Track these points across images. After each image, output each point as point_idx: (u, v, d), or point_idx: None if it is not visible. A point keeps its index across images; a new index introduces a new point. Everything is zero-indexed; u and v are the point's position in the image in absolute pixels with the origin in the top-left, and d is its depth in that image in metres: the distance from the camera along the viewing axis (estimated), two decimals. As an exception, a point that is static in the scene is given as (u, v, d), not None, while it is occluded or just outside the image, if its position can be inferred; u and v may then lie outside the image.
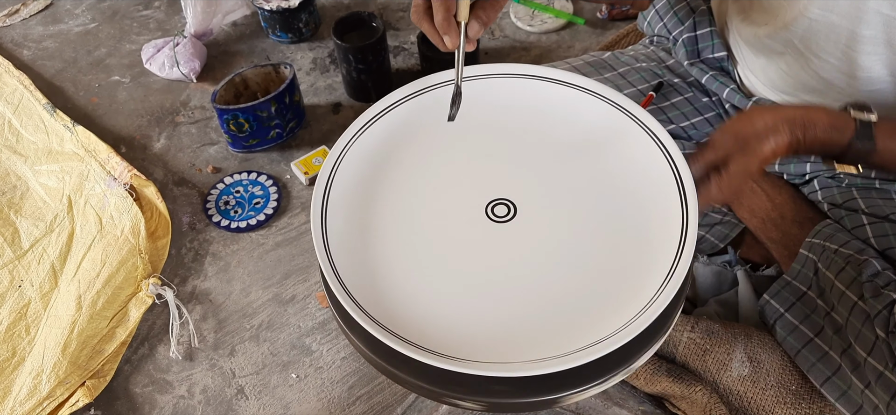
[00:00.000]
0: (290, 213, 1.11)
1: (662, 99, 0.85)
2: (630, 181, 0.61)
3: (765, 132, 0.58)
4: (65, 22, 1.54)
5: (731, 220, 0.84)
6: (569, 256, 0.56)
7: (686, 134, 0.85)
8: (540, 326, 0.53)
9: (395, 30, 1.44)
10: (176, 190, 1.15)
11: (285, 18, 1.37)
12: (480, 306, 0.54)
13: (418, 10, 0.59)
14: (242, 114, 1.11)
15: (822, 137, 0.58)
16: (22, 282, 1.03)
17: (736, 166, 0.57)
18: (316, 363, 0.92)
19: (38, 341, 0.95)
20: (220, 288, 1.01)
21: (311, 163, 1.15)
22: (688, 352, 0.73)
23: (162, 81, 1.36)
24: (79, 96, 1.35)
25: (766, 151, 0.57)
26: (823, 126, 0.58)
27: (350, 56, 1.20)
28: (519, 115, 0.66)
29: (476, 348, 0.50)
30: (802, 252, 0.73)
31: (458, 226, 0.58)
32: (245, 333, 0.96)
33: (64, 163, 1.17)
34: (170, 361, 0.94)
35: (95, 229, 1.06)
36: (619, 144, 0.63)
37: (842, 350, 0.67)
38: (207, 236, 1.08)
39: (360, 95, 1.27)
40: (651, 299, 0.52)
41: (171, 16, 1.53)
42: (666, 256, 0.54)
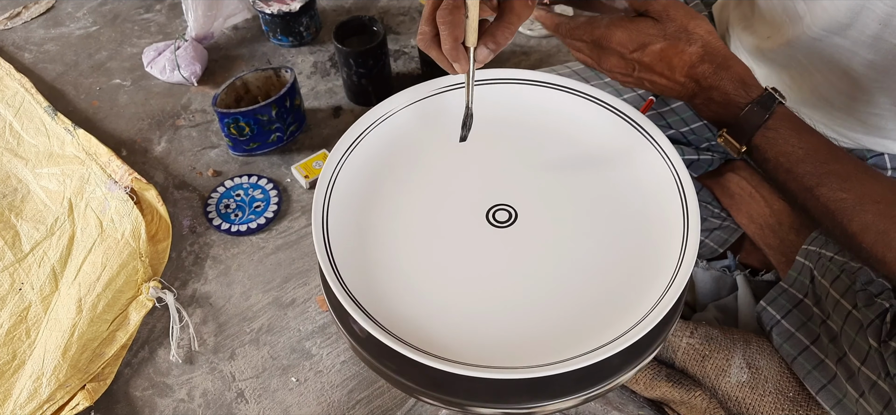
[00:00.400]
0: (291, 216, 1.11)
1: (662, 104, 0.85)
2: (630, 187, 0.61)
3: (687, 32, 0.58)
4: (66, 25, 1.54)
5: (730, 225, 0.84)
6: (569, 261, 0.56)
7: (686, 139, 0.86)
8: (540, 330, 0.53)
9: (395, 34, 1.44)
10: (176, 193, 1.15)
11: (286, 22, 1.37)
12: (480, 311, 0.54)
13: (425, 38, 0.57)
14: (243, 118, 1.11)
15: (728, 87, 0.58)
16: (22, 285, 1.03)
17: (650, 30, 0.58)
18: (316, 367, 0.92)
19: (38, 345, 0.95)
20: (221, 292, 1.02)
21: (311, 166, 1.15)
22: (687, 357, 0.73)
23: (163, 85, 1.36)
24: (80, 100, 1.35)
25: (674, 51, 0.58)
26: (733, 76, 0.58)
27: (351, 60, 1.20)
28: (519, 120, 0.67)
29: (475, 352, 0.51)
30: (799, 259, 0.74)
31: (458, 231, 0.59)
32: (245, 336, 0.96)
33: (65, 166, 1.17)
34: (170, 364, 0.94)
35: (96, 233, 1.06)
36: (619, 150, 0.63)
37: (837, 358, 0.67)
38: (208, 240, 1.08)
39: (361, 99, 1.28)
40: (652, 306, 0.52)
41: (173, 19, 1.53)
42: (667, 263, 0.55)
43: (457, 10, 0.54)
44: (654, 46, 0.59)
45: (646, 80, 0.62)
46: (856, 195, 0.56)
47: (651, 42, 0.59)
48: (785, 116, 0.58)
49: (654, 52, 0.59)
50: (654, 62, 0.60)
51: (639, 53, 0.59)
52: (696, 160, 0.85)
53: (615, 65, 0.62)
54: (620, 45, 0.60)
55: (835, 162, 0.57)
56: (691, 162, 0.85)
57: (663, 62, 0.59)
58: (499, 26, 0.57)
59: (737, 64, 0.59)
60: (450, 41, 0.55)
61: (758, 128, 0.58)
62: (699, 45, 0.58)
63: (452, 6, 0.54)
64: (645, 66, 0.60)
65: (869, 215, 0.55)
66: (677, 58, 0.59)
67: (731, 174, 0.86)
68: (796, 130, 0.58)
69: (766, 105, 0.58)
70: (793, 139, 0.58)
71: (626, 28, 0.59)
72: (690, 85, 0.60)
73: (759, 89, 0.59)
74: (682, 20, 0.59)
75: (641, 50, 0.59)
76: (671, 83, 0.61)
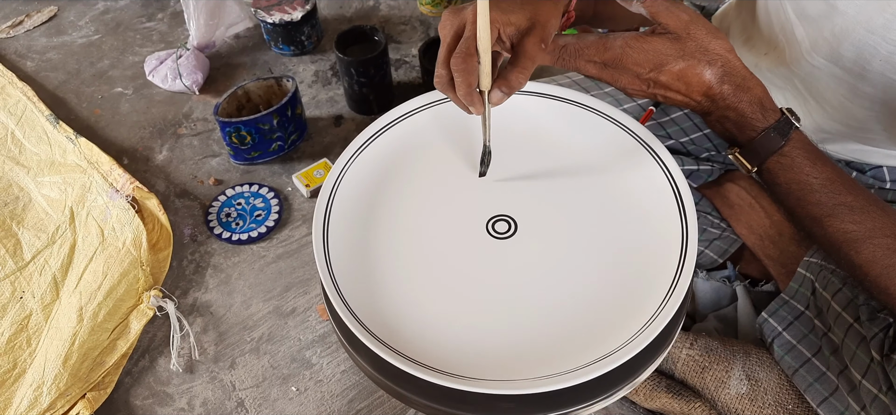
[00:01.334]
0: (292, 225, 1.11)
1: (662, 114, 0.85)
2: (629, 198, 0.61)
3: (706, 53, 0.56)
4: (68, 34, 1.55)
5: (730, 235, 0.84)
6: (569, 273, 0.56)
7: (685, 149, 0.86)
8: (540, 342, 0.53)
9: (396, 43, 1.45)
10: (178, 202, 1.16)
11: (288, 31, 1.37)
12: (480, 323, 0.54)
13: (441, 81, 0.57)
14: (245, 126, 1.11)
15: (746, 109, 0.57)
16: (23, 293, 1.03)
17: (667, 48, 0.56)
18: (316, 376, 0.92)
19: (39, 353, 0.95)
20: (221, 300, 1.02)
21: (312, 175, 1.15)
22: (686, 369, 0.73)
23: (164, 93, 1.37)
24: (82, 108, 1.35)
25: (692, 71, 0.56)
26: (752, 99, 0.57)
27: (352, 69, 1.21)
28: (519, 131, 0.67)
29: (476, 365, 0.51)
30: (800, 271, 0.73)
31: (459, 242, 0.59)
32: (245, 345, 0.96)
33: (66, 174, 1.17)
34: (170, 373, 0.94)
35: (97, 241, 1.06)
36: (618, 161, 0.64)
37: (839, 371, 0.67)
38: (209, 249, 1.08)
39: (362, 108, 1.28)
40: (651, 317, 0.52)
41: (175, 28, 1.54)
42: (666, 274, 0.55)
43: (470, 57, 0.54)
44: (673, 67, 0.57)
45: (660, 95, 0.61)
46: (865, 228, 0.56)
47: (669, 62, 0.57)
48: (800, 142, 0.57)
49: (673, 72, 0.57)
50: (671, 81, 0.58)
51: (655, 73, 0.58)
52: (696, 170, 0.85)
53: (629, 83, 0.59)
54: (636, 65, 0.58)
55: (847, 194, 0.57)
56: (691, 172, 0.85)
57: (681, 81, 0.58)
58: (512, 70, 0.56)
59: (756, 85, 0.58)
60: (464, 87, 0.55)
61: (772, 153, 0.57)
62: (719, 66, 0.57)
63: (466, 53, 0.54)
64: (661, 84, 0.58)
65: (877, 249, 0.55)
66: (696, 78, 0.57)
67: (731, 185, 0.86)
68: (811, 158, 0.57)
69: (783, 131, 0.57)
70: (807, 167, 0.57)
71: (643, 49, 0.57)
72: (707, 103, 0.59)
73: (777, 113, 0.57)
74: (702, 39, 0.57)
75: (658, 70, 0.57)
76: (687, 100, 0.59)
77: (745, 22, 0.82)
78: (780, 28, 0.71)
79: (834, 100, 0.68)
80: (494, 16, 0.57)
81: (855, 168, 0.75)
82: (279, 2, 1.38)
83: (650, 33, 0.57)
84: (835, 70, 0.66)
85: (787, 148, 0.57)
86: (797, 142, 0.57)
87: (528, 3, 0.59)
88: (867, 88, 0.64)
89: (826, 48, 0.65)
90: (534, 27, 0.58)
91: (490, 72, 0.55)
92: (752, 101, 0.57)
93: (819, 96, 0.70)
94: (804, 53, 0.68)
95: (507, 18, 0.58)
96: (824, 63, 0.66)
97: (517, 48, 0.57)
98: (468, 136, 0.67)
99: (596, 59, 0.58)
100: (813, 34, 0.67)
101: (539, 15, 0.59)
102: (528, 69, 0.57)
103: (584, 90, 0.88)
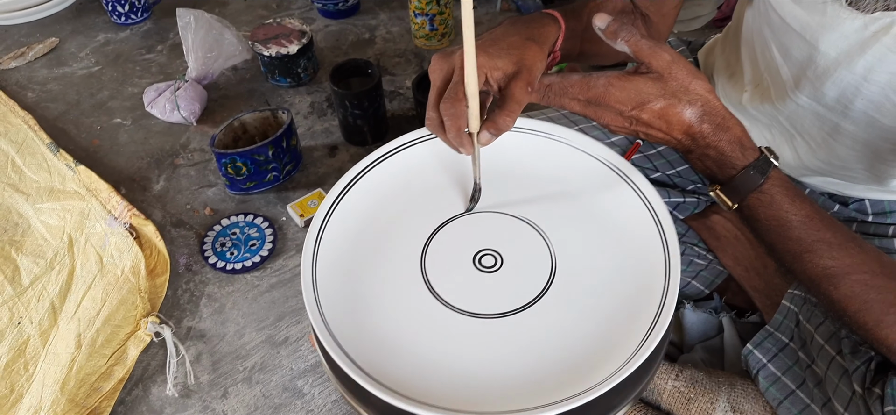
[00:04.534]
0: (286, 255, 1.12)
1: (649, 147, 0.87)
2: (613, 232, 0.62)
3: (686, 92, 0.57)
4: (69, 65, 1.57)
5: (716, 266, 0.86)
6: (554, 306, 0.57)
7: (672, 182, 0.87)
8: (526, 375, 0.54)
9: (391, 75, 1.47)
10: (173, 231, 1.17)
11: (284, 64, 1.40)
12: (465, 356, 0.55)
13: (433, 123, 0.59)
14: (240, 158, 1.13)
15: (725, 148, 0.58)
16: (21, 319, 1.04)
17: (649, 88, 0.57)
18: (307, 406, 0.92)
19: (36, 378, 0.95)
20: (215, 330, 1.03)
21: (306, 205, 1.16)
22: (672, 400, 0.73)
23: (162, 124, 1.39)
24: (81, 138, 1.37)
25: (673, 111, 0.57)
26: (732, 138, 0.58)
27: (346, 102, 1.23)
28: (506, 166, 0.68)
29: (460, 398, 0.51)
30: (784, 303, 0.75)
31: (446, 275, 0.60)
32: (238, 375, 0.97)
33: (65, 201, 1.18)
34: (163, 402, 0.94)
35: (96, 268, 1.07)
36: (601, 196, 0.65)
37: (822, 403, 0.67)
38: (203, 278, 1.09)
39: (356, 139, 1.30)
40: (634, 351, 0.53)
41: (173, 60, 1.56)
42: (649, 309, 0.56)
43: (458, 102, 0.56)
44: (654, 105, 0.58)
45: (642, 132, 0.62)
46: (843, 264, 0.57)
47: (650, 100, 0.58)
48: (779, 180, 0.58)
49: (654, 111, 0.58)
50: (652, 119, 0.59)
51: (637, 111, 0.59)
52: (682, 202, 0.86)
53: (612, 120, 0.60)
54: (619, 103, 0.59)
55: (826, 230, 0.58)
56: (677, 204, 0.86)
57: (662, 119, 0.59)
58: (500, 113, 0.58)
59: (735, 125, 0.59)
60: (453, 130, 0.58)
61: (752, 190, 0.58)
62: (699, 106, 0.58)
63: (454, 98, 0.56)
64: (643, 122, 0.59)
65: (855, 285, 0.56)
66: (676, 117, 0.58)
67: (717, 216, 0.88)
68: (790, 195, 0.58)
69: (762, 170, 0.58)
70: (786, 204, 0.58)
71: (625, 87, 0.58)
72: (687, 142, 0.60)
73: (756, 152, 0.59)
74: (683, 79, 0.58)
75: (640, 108, 0.58)
76: (668, 138, 0.61)
77: (730, 59, 0.84)
78: (766, 67, 0.73)
79: (818, 137, 0.70)
80: (481, 61, 0.58)
81: (837, 201, 0.76)
82: (276, 36, 1.40)
83: (633, 72, 0.59)
84: (818, 108, 0.67)
85: (766, 185, 0.58)
86: (776, 180, 0.58)
87: (515, 47, 0.61)
88: (850, 127, 0.66)
89: (809, 88, 0.67)
90: (520, 71, 0.59)
91: (478, 115, 0.57)
92: (731, 140, 0.58)
93: (804, 133, 0.72)
94: (788, 91, 0.69)
95: (493, 63, 0.59)
96: (808, 101, 0.68)
97: (504, 92, 0.59)
98: (457, 170, 0.68)
99: (580, 96, 0.60)
100: (796, 73, 0.68)
101: (525, 59, 0.60)
102: (516, 112, 0.58)
103: (572, 123, 0.90)
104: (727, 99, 0.82)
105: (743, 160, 0.58)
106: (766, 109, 0.74)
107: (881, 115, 0.62)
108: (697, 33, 1.51)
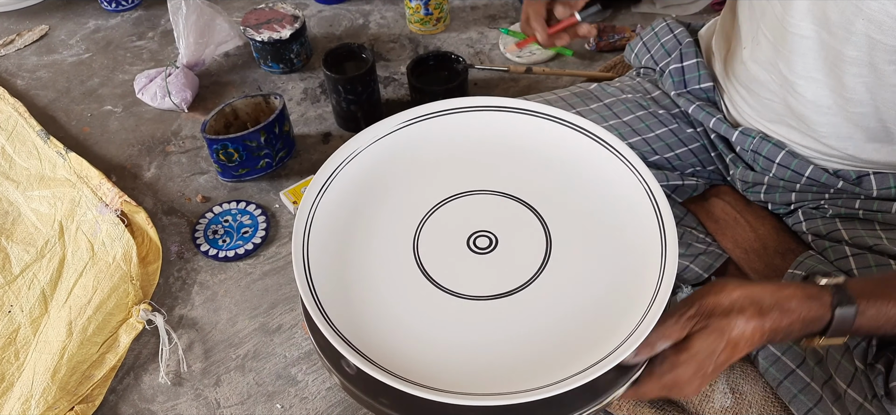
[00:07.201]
0: (279, 242, 1.11)
1: (647, 130, 0.86)
2: (610, 215, 0.61)
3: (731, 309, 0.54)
4: (59, 52, 1.55)
5: (715, 250, 0.85)
6: (550, 287, 0.57)
7: (671, 165, 0.86)
8: (520, 356, 0.53)
9: (385, 60, 1.46)
10: (165, 219, 1.15)
11: (277, 49, 1.38)
12: (461, 337, 0.54)
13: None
14: (232, 144, 1.11)
15: (802, 313, 0.55)
16: (12, 307, 1.02)
17: (699, 343, 0.54)
18: (301, 394, 0.91)
19: (27, 367, 0.94)
20: (207, 317, 1.01)
21: (299, 192, 1.15)
22: (670, 383, 0.73)
23: (153, 111, 1.37)
24: (71, 126, 1.35)
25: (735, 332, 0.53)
26: (798, 301, 0.55)
27: (339, 87, 1.21)
28: (501, 147, 0.67)
29: (456, 379, 0.51)
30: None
31: (440, 256, 0.59)
32: (231, 363, 0.96)
33: (56, 189, 1.17)
34: (155, 390, 0.93)
35: (87, 256, 1.06)
36: (598, 177, 0.64)
37: (823, 382, 0.67)
38: (195, 266, 1.08)
39: (350, 126, 1.28)
40: (631, 331, 0.52)
41: (164, 46, 1.55)
42: (646, 289, 0.55)
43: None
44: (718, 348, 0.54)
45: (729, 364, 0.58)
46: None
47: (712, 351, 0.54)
48: (864, 291, 0.56)
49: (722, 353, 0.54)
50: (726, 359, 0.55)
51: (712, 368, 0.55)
52: (681, 185, 0.85)
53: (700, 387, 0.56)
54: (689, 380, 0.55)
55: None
56: (676, 187, 0.85)
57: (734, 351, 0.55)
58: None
59: (786, 287, 0.56)
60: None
61: (852, 323, 0.56)
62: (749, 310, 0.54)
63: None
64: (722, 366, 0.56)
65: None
66: (741, 338, 0.54)
67: (716, 199, 0.87)
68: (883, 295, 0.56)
69: (847, 299, 0.56)
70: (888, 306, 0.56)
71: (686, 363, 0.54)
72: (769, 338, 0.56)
73: (827, 292, 0.56)
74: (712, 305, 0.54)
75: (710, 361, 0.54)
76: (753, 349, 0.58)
77: (728, 31, 0.83)
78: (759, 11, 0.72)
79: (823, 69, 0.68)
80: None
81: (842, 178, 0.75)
82: (268, 20, 1.38)
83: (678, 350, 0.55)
84: (822, 35, 0.65)
85: (861, 307, 0.56)
86: (861, 293, 0.56)
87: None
88: (852, 52, 0.64)
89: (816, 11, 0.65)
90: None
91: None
92: (800, 303, 0.55)
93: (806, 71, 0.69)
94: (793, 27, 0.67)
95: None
96: (814, 30, 0.66)
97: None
98: (451, 152, 0.67)
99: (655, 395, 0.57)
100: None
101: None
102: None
103: (569, 106, 0.88)
104: (728, 71, 0.81)
105: (824, 310, 0.56)
106: (767, 57, 0.73)
107: (883, 34, 0.61)
108: (696, 16, 1.49)
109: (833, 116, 0.71)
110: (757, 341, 0.55)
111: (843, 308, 0.55)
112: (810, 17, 0.65)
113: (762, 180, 0.79)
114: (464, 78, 1.23)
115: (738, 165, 0.82)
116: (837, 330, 0.56)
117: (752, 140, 0.78)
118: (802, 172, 0.75)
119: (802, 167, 0.75)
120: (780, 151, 0.76)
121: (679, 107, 0.87)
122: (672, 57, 0.88)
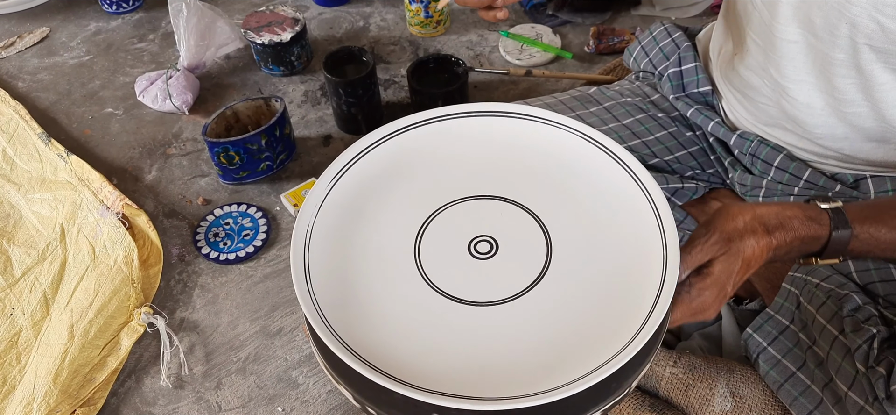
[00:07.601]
0: (279, 245, 1.11)
1: (646, 133, 0.86)
2: (610, 219, 0.61)
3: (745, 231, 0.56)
4: (60, 54, 1.55)
5: (715, 252, 0.85)
6: (550, 293, 0.57)
7: (670, 168, 0.87)
8: (521, 361, 0.53)
9: (386, 63, 1.46)
10: (166, 222, 1.16)
11: (277, 52, 1.38)
12: (462, 342, 0.54)
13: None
14: (233, 147, 1.11)
15: (802, 233, 0.57)
16: (13, 310, 1.03)
17: (721, 267, 0.56)
18: (302, 397, 0.91)
19: (29, 370, 0.95)
20: (208, 320, 1.01)
21: (300, 195, 1.15)
22: (671, 387, 0.73)
23: (154, 114, 1.37)
24: (72, 128, 1.36)
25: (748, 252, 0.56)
26: (800, 222, 0.58)
27: (340, 90, 1.21)
28: (502, 152, 0.67)
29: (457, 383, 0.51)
30: (785, 286, 0.74)
31: (442, 262, 0.59)
32: (232, 365, 0.96)
33: (57, 191, 1.17)
34: (156, 393, 0.93)
35: (88, 259, 1.06)
36: (599, 182, 0.64)
37: (824, 384, 0.67)
38: (196, 268, 1.08)
39: (350, 128, 1.28)
40: (631, 338, 0.52)
41: (165, 49, 1.55)
42: (647, 294, 0.55)
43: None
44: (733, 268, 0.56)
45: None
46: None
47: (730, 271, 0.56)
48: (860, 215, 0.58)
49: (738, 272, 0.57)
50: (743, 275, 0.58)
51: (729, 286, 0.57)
52: (681, 188, 0.85)
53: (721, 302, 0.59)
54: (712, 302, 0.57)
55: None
56: (675, 190, 0.85)
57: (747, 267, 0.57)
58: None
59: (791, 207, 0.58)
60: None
61: (847, 244, 0.58)
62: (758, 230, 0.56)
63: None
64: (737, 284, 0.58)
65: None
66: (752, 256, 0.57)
67: (716, 202, 0.87)
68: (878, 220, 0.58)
69: (843, 223, 0.58)
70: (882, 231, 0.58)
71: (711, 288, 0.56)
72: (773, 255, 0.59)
73: (826, 215, 0.58)
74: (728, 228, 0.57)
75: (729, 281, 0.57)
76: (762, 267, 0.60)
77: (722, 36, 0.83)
78: (746, 17, 0.73)
79: (813, 72, 0.69)
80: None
81: (839, 181, 0.75)
82: (269, 23, 1.39)
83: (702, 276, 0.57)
84: (809, 39, 0.67)
85: (856, 231, 0.58)
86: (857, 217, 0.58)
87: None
88: (839, 55, 0.65)
89: (800, 16, 0.66)
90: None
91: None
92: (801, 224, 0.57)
93: (797, 75, 0.70)
94: (780, 32, 0.68)
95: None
96: (801, 34, 0.67)
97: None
98: (451, 156, 0.67)
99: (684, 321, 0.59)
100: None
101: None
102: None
103: (569, 110, 0.89)
104: (723, 75, 0.81)
105: (823, 230, 0.58)
106: (758, 62, 0.74)
107: (866, 37, 0.62)
108: (696, 19, 1.49)
109: (827, 118, 0.71)
110: (764, 257, 0.58)
111: (839, 231, 0.58)
112: (796, 21, 0.66)
113: (761, 183, 0.79)
114: (464, 81, 1.23)
115: (737, 168, 0.82)
116: (833, 251, 0.59)
117: (750, 143, 0.79)
118: (800, 175, 0.76)
119: (800, 170, 0.76)
120: (778, 154, 0.77)
121: (678, 110, 0.87)
122: (670, 61, 0.89)
